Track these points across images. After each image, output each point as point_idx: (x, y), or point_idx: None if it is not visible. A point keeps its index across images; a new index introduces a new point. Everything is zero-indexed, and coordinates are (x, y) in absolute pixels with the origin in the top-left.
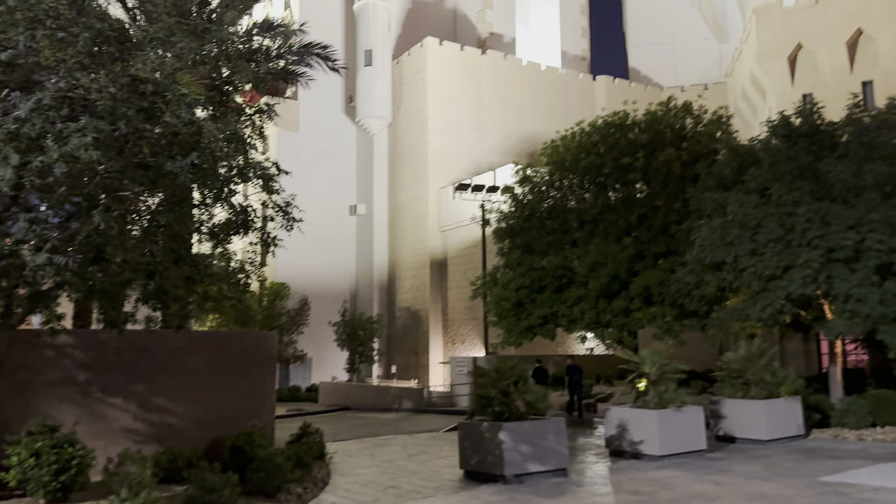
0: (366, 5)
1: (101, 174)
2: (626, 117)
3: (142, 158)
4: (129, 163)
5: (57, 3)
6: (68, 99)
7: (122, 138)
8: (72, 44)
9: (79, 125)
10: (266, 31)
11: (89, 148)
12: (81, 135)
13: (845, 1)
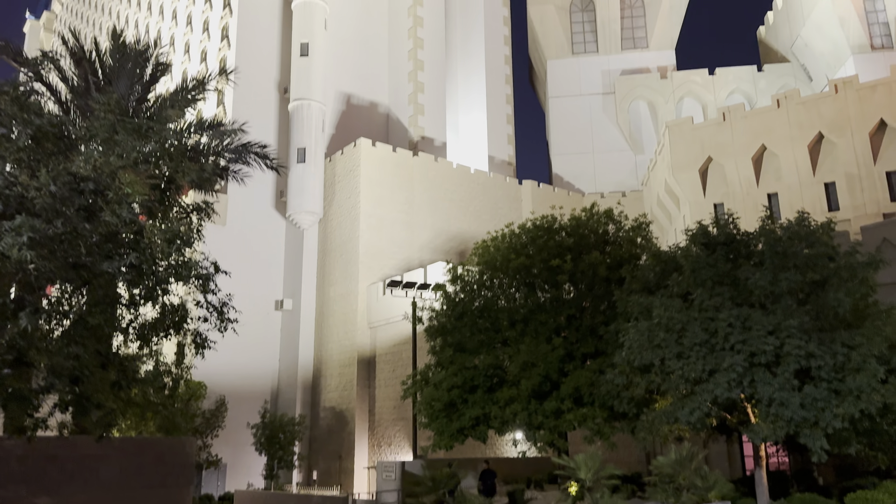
0: (301, 106)
1: (32, 273)
2: (553, 221)
3: (77, 258)
4: (63, 263)
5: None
6: (3, 196)
7: (59, 237)
8: (12, 141)
9: (14, 224)
10: (205, 130)
11: (23, 248)
12: (16, 234)
13: (750, 120)
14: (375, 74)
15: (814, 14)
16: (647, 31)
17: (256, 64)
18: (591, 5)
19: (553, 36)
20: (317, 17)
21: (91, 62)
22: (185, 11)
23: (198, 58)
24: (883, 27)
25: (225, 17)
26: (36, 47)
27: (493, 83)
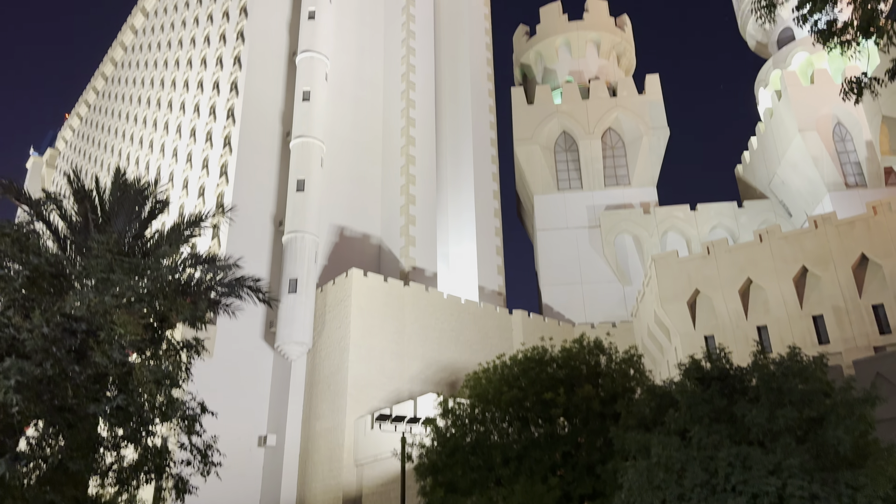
0: (294, 238)
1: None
2: (545, 353)
3: (63, 401)
4: (48, 406)
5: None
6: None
7: (47, 379)
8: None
9: (3, 367)
10: (200, 264)
11: (9, 391)
12: (4, 377)
13: (734, 254)
14: (368, 208)
15: (788, 154)
16: (628, 170)
17: (253, 198)
18: (575, 146)
19: (539, 173)
20: (314, 155)
21: (92, 200)
22: (185, 150)
23: (196, 193)
24: (855, 166)
25: (224, 155)
26: (37, 183)
27: (483, 216)
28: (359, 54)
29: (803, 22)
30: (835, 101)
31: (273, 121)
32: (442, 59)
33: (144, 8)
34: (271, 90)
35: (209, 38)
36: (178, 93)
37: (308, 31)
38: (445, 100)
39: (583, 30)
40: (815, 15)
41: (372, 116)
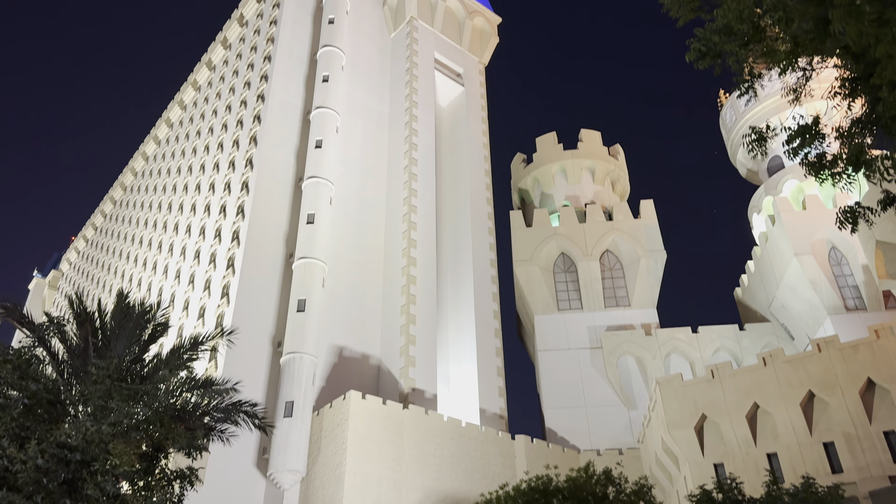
0: (292, 359)
1: None
2: (549, 482)
3: None
4: None
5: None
6: None
7: None
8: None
9: None
10: (197, 388)
11: None
12: None
13: (739, 378)
14: (368, 328)
15: (786, 278)
16: (627, 291)
17: (252, 319)
18: (573, 267)
19: (539, 294)
20: (316, 275)
21: (93, 323)
22: (188, 272)
23: (196, 314)
24: (853, 290)
25: (227, 276)
26: (38, 304)
27: (483, 336)
28: (363, 179)
29: (794, 155)
30: (828, 226)
31: (277, 243)
32: (443, 183)
33: (157, 136)
34: (276, 213)
35: (219, 164)
36: (184, 216)
37: (315, 158)
38: (446, 222)
39: (577, 158)
40: (804, 149)
41: (374, 238)
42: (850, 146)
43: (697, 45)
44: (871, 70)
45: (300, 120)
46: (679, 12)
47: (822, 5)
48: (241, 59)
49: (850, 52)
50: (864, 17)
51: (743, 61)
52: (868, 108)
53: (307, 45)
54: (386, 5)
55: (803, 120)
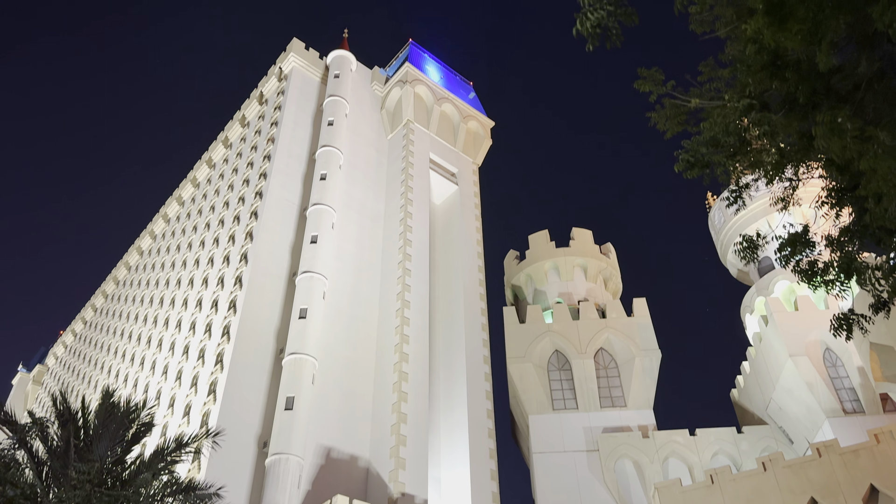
0: (278, 460)
1: None
2: None
3: None
4: None
5: None
6: None
7: None
8: None
9: None
10: (178, 493)
11: None
12: None
13: (738, 483)
14: (358, 427)
15: (781, 380)
16: (623, 391)
17: (238, 418)
18: (568, 365)
19: (533, 392)
20: (306, 371)
21: (76, 422)
22: (176, 368)
23: (182, 412)
24: (850, 392)
25: (215, 373)
26: (21, 399)
27: (476, 437)
28: (356, 274)
29: (785, 262)
30: (821, 327)
31: (267, 338)
32: (436, 279)
33: (153, 231)
34: (269, 308)
35: (213, 259)
36: (175, 311)
37: (309, 253)
38: (439, 318)
39: (570, 255)
40: (796, 256)
41: (366, 333)
42: (840, 254)
43: (685, 156)
44: (856, 181)
45: (297, 216)
46: (666, 125)
47: (805, 120)
48: (241, 158)
49: (834, 163)
50: (846, 134)
51: (730, 172)
52: (856, 217)
53: (306, 145)
54: (384, 109)
55: (792, 227)
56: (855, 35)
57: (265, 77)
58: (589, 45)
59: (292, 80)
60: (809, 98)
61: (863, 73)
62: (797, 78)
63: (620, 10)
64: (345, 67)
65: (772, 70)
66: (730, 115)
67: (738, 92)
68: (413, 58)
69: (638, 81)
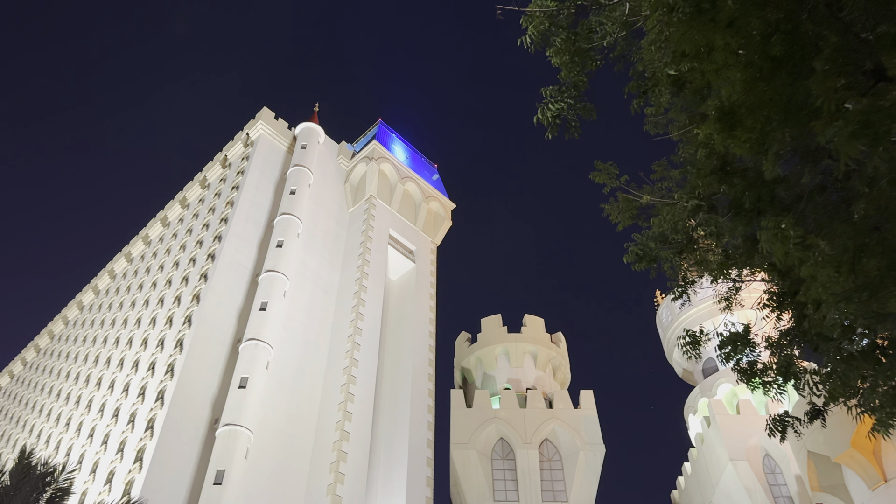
0: None
1: None
2: None
3: None
4: None
5: None
6: None
7: None
8: None
9: None
10: None
11: None
12: None
13: None
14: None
15: (721, 483)
16: (566, 485)
17: (164, 490)
18: (512, 454)
19: (475, 481)
20: (240, 445)
21: None
22: (103, 431)
23: (104, 479)
24: (787, 501)
25: (144, 439)
26: None
27: None
28: (304, 346)
29: (726, 360)
30: (761, 432)
31: (203, 406)
32: (385, 356)
33: (96, 286)
34: (208, 375)
35: (156, 320)
36: (109, 371)
37: (257, 320)
38: (385, 395)
39: (521, 342)
40: (736, 355)
41: (308, 408)
42: (779, 357)
43: (635, 248)
44: (796, 287)
45: (248, 282)
46: (618, 218)
47: (750, 224)
48: (198, 219)
49: (776, 268)
50: (789, 241)
51: (677, 268)
52: (795, 322)
53: (266, 211)
54: (348, 182)
55: (734, 327)
56: (799, 148)
57: (231, 142)
58: (548, 135)
59: (258, 146)
60: (755, 204)
61: (805, 184)
62: (744, 184)
63: (580, 104)
64: (312, 139)
65: (720, 175)
66: (679, 213)
67: (687, 192)
68: (381, 136)
69: (593, 173)
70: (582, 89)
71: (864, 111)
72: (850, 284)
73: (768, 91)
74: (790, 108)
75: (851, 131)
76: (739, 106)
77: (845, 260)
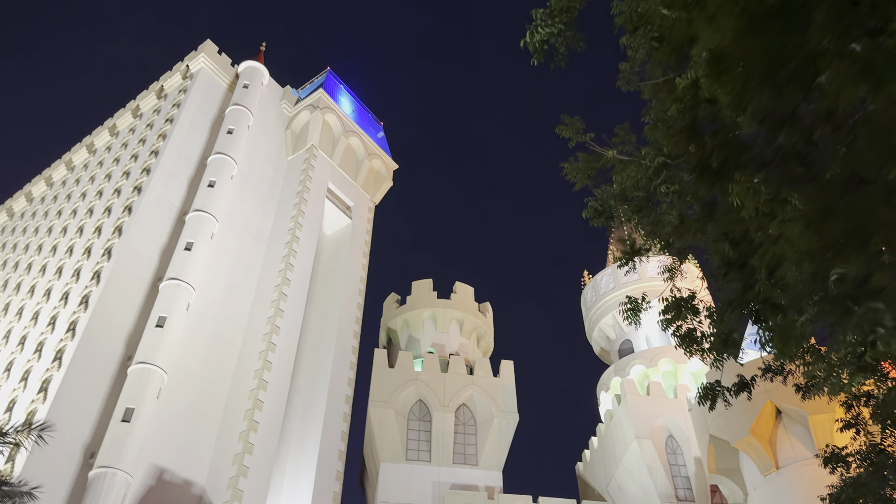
0: (104, 474)
1: None
2: None
3: None
4: None
5: None
6: None
7: None
8: None
9: None
10: None
11: None
12: None
13: None
14: (199, 452)
15: (625, 459)
16: (477, 450)
17: (68, 422)
18: (429, 416)
19: (389, 439)
20: (152, 384)
21: None
22: (6, 359)
23: (4, 406)
24: (685, 480)
25: (51, 370)
26: None
27: (323, 478)
28: (228, 291)
29: (666, 326)
30: (667, 414)
31: (117, 342)
32: (312, 309)
33: (11, 208)
34: (125, 310)
35: (73, 249)
36: (18, 298)
37: (181, 259)
38: (308, 349)
39: (449, 308)
40: (678, 321)
41: (227, 354)
42: (719, 326)
43: (595, 203)
44: (744, 258)
45: (175, 220)
46: (576, 178)
47: (713, 187)
48: (127, 149)
49: (727, 237)
50: (761, 195)
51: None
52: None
53: (200, 149)
54: (289, 129)
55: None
56: (776, 111)
57: (169, 72)
58: (534, 61)
59: (198, 80)
60: (722, 165)
61: (776, 148)
62: (713, 144)
63: (570, 32)
64: (256, 79)
65: (690, 133)
66: (643, 171)
67: (654, 150)
68: (328, 85)
69: (560, 127)
70: (573, 14)
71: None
72: (817, 243)
73: (756, 45)
74: (775, 65)
75: (855, 73)
76: (727, 55)
77: (815, 217)
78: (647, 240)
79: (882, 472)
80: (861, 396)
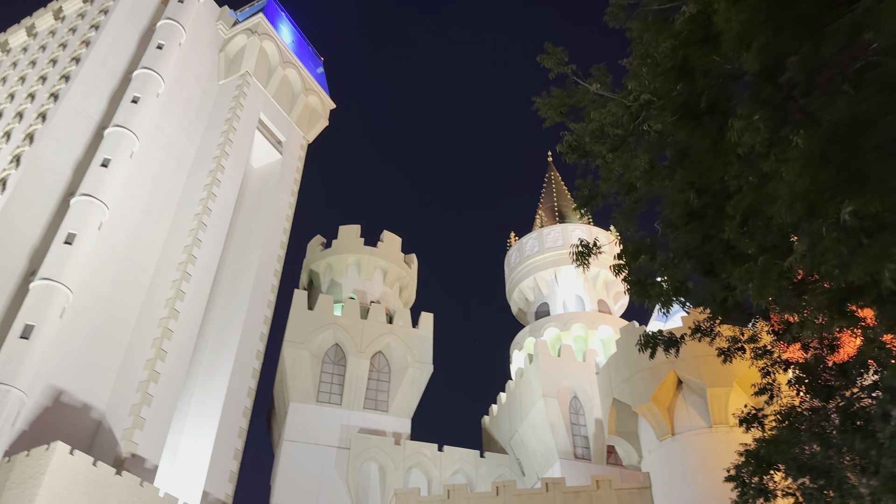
0: None
1: None
2: None
3: None
4: None
5: None
6: None
7: None
8: None
9: None
10: None
11: None
12: None
13: (472, 502)
14: (101, 376)
15: (530, 416)
16: (389, 396)
17: None
18: (343, 360)
19: (302, 379)
20: (56, 302)
21: None
22: None
23: None
24: (584, 440)
25: None
26: None
27: (230, 414)
28: (144, 214)
29: (618, 272)
30: (574, 376)
31: (19, 255)
32: (232, 242)
33: None
34: (30, 223)
35: None
36: None
37: (96, 175)
38: (224, 283)
39: (374, 256)
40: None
41: (139, 279)
42: (672, 275)
43: (570, 138)
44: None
45: (92, 133)
46: (547, 113)
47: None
48: (45, 52)
49: (694, 187)
50: (760, 133)
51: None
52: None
53: (125, 60)
54: (223, 52)
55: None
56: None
57: None
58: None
59: None
60: (710, 104)
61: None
62: (704, 82)
63: None
64: None
65: (681, 71)
66: (624, 109)
67: (640, 86)
68: (269, 11)
69: (541, 56)
70: None
71: None
72: (813, 185)
73: None
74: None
75: None
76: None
77: (815, 156)
78: (608, 183)
79: (798, 431)
80: (779, 363)
